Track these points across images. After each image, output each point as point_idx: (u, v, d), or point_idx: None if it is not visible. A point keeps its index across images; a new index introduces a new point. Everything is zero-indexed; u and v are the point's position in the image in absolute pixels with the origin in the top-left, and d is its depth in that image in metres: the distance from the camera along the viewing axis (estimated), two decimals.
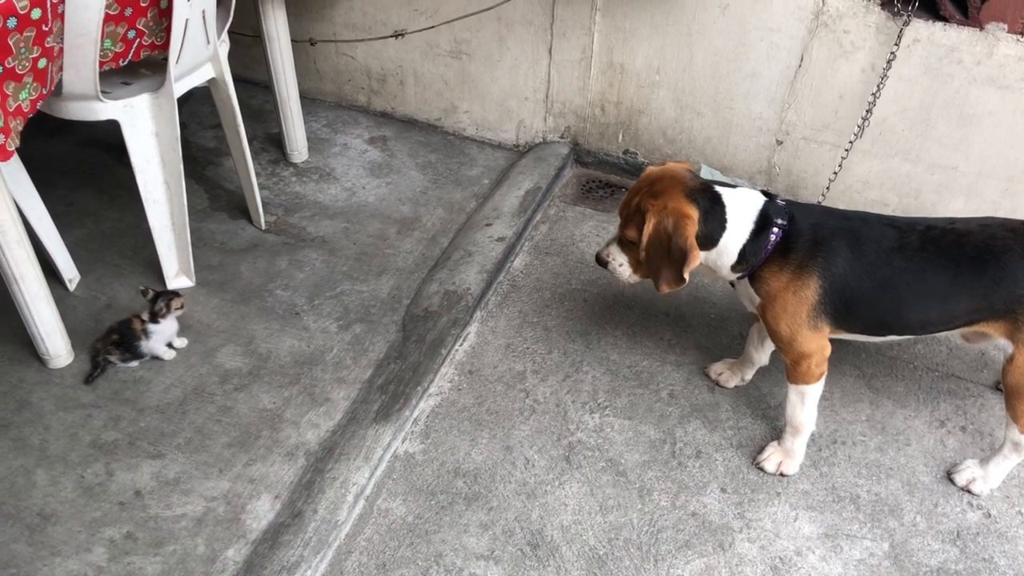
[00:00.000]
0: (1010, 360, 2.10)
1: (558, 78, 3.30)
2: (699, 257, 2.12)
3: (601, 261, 2.30)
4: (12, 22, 1.88)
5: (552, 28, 3.17)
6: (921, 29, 2.67)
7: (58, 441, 2.27)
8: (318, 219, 3.11)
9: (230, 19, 2.68)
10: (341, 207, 3.18)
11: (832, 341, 2.18)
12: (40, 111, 2.16)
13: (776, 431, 2.40)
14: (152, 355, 2.49)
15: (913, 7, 2.63)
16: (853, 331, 2.19)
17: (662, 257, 2.09)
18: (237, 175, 3.00)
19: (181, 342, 2.54)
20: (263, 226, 3.04)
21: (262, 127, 3.57)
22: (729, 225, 2.10)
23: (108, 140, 3.32)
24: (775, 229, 2.09)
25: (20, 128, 2.05)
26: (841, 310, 2.10)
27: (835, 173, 2.95)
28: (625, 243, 2.22)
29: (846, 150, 2.92)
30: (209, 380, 2.47)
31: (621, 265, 2.25)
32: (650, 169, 2.22)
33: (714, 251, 2.13)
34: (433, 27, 3.31)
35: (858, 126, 2.87)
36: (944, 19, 2.64)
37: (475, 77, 3.43)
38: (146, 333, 2.44)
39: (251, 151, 2.89)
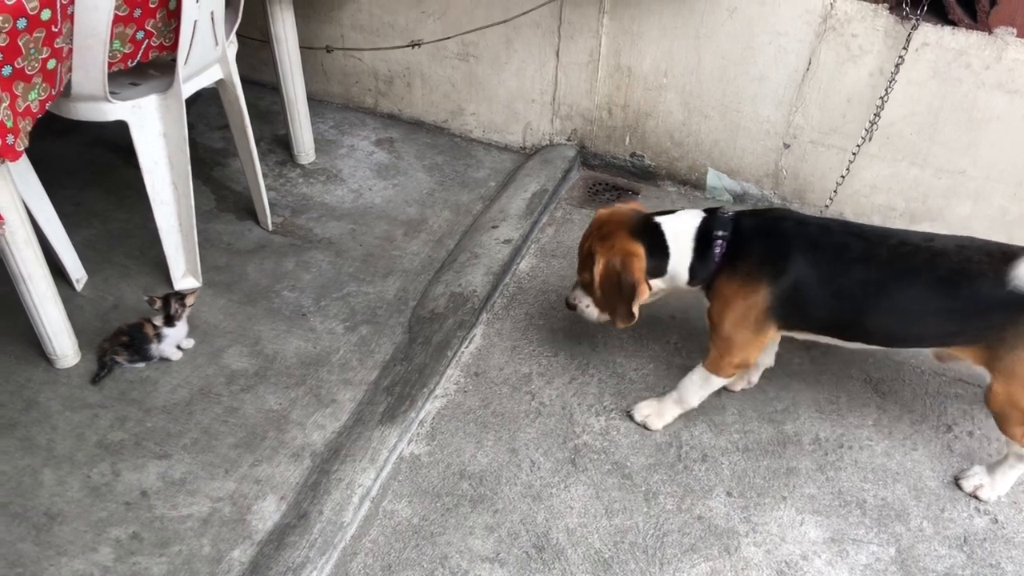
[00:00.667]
0: (989, 388, 2.10)
1: (565, 81, 3.30)
2: (647, 292, 2.21)
3: (570, 305, 2.40)
4: (22, 23, 1.89)
5: (559, 31, 3.17)
6: (930, 33, 2.66)
7: (65, 441, 2.28)
8: (325, 220, 3.12)
9: (238, 21, 2.69)
10: (348, 209, 3.19)
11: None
12: (49, 112, 2.16)
13: (783, 434, 2.40)
14: (161, 357, 2.49)
15: (922, 11, 2.63)
16: (808, 332, 2.21)
17: (615, 295, 2.20)
18: (244, 176, 3.01)
19: (188, 343, 2.55)
20: (270, 227, 3.05)
21: (269, 128, 3.57)
22: (671, 251, 2.20)
23: (116, 141, 3.33)
24: (719, 242, 2.15)
25: (29, 128, 2.06)
26: (794, 314, 2.13)
27: (842, 177, 2.95)
28: (586, 286, 2.31)
29: (853, 153, 2.92)
30: (215, 381, 2.47)
31: (588, 306, 2.35)
32: (599, 212, 2.33)
33: (667, 277, 2.24)
34: (448, 38, 3.31)
35: (866, 130, 2.87)
36: (953, 23, 2.64)
37: (482, 79, 3.44)
38: (159, 337, 2.45)
39: (258, 152, 2.89)
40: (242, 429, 2.34)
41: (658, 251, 2.20)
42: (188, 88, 2.46)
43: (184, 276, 2.74)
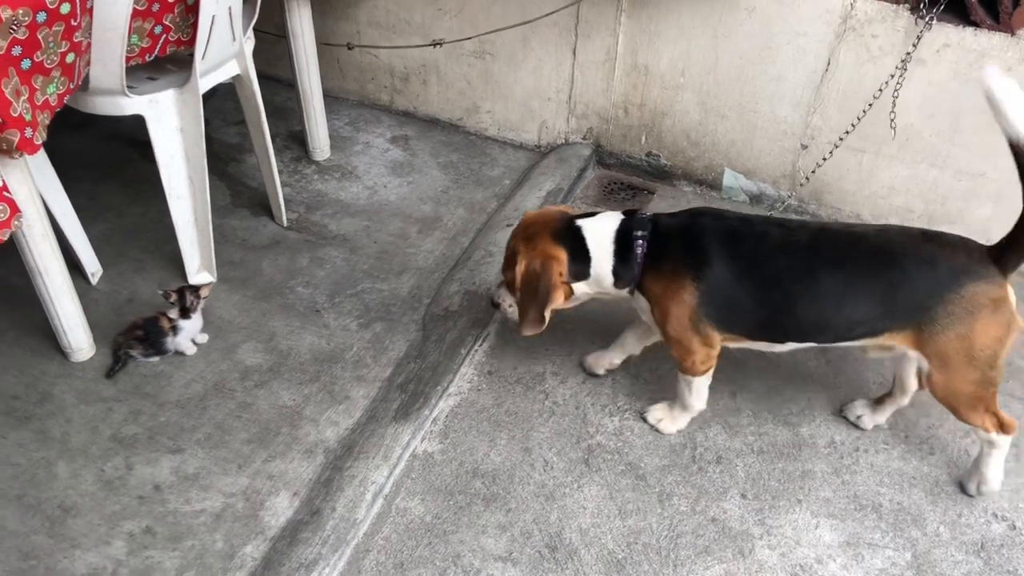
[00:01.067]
0: (929, 378, 2.08)
1: (582, 79, 3.29)
2: (561, 298, 2.21)
3: (494, 304, 2.39)
4: (42, 16, 1.89)
5: (577, 29, 3.16)
6: (951, 34, 2.64)
7: (79, 434, 2.28)
8: (339, 217, 3.11)
9: (255, 16, 2.69)
10: (362, 205, 3.18)
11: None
12: (65, 105, 2.16)
13: (798, 437, 2.38)
14: (176, 351, 2.49)
15: (937, 9, 2.60)
16: (742, 335, 2.18)
17: (531, 298, 2.18)
18: (260, 172, 3.01)
19: (202, 338, 2.55)
20: (285, 223, 3.05)
21: (285, 124, 3.57)
22: (592, 254, 2.18)
23: (132, 135, 3.34)
24: (638, 243, 2.14)
25: (47, 122, 2.06)
26: (725, 312, 2.11)
27: (824, 159, 2.90)
28: (509, 285, 2.29)
29: (837, 143, 2.89)
30: (229, 376, 2.47)
31: (511, 306, 2.33)
32: (527, 214, 2.32)
33: (591, 280, 2.21)
34: (470, 38, 3.30)
35: (852, 125, 2.84)
36: (975, 24, 2.61)
37: (498, 77, 3.43)
38: (175, 330, 2.45)
39: (274, 148, 2.89)
40: (255, 425, 2.34)
41: (580, 254, 2.18)
42: (205, 83, 2.46)
43: (199, 271, 2.74)
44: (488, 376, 2.55)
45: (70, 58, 2.05)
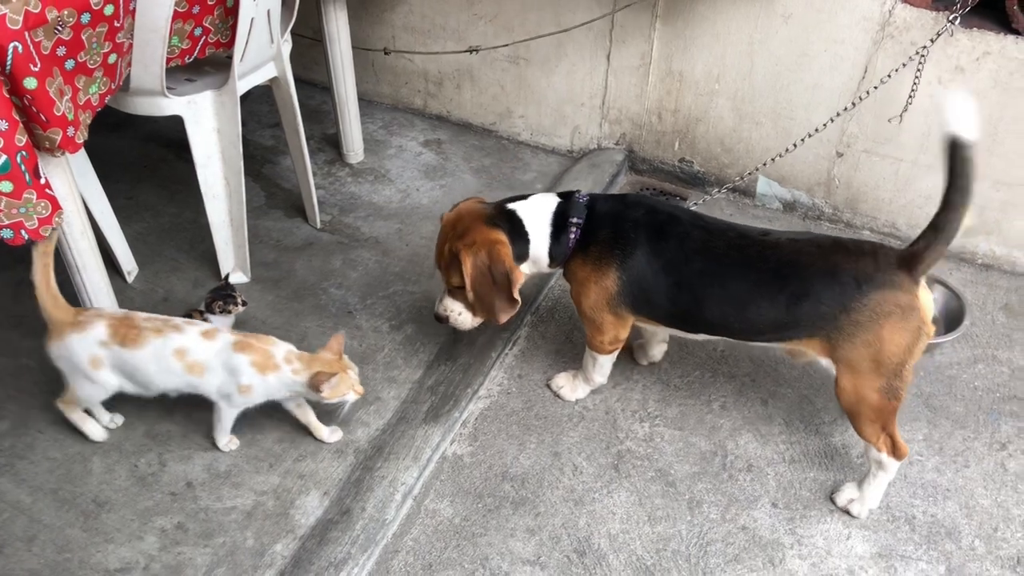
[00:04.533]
0: (836, 383, 2.07)
1: (616, 84, 3.28)
2: (521, 275, 2.25)
3: (440, 318, 2.37)
4: (86, 17, 1.92)
5: (611, 34, 3.16)
6: (992, 42, 2.61)
7: (114, 430, 2.31)
8: (372, 219, 3.13)
9: (293, 19, 2.72)
10: (395, 208, 3.20)
11: None
12: (105, 105, 2.20)
13: (830, 446, 2.36)
14: None
15: (964, 9, 2.56)
16: (656, 321, 2.23)
17: (489, 289, 2.20)
18: (294, 174, 3.03)
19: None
20: (318, 225, 3.07)
21: (319, 127, 3.60)
22: (531, 235, 2.22)
23: (169, 136, 3.38)
24: (573, 228, 2.19)
25: (88, 121, 2.09)
26: (640, 301, 2.17)
27: (794, 145, 2.85)
28: (455, 291, 2.30)
29: (834, 117, 2.85)
30: None
31: (460, 314, 2.34)
32: (446, 215, 2.31)
33: (529, 261, 2.26)
34: (507, 45, 3.31)
35: (842, 115, 2.81)
36: (1016, 32, 2.58)
37: (531, 82, 3.43)
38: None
39: (308, 151, 2.91)
40: (287, 424, 2.35)
41: (519, 237, 2.21)
42: (243, 85, 2.49)
43: (233, 271, 2.77)
44: (518, 379, 2.55)
45: (112, 59, 2.08)
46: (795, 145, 2.76)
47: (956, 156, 1.86)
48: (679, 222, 2.14)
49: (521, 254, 2.23)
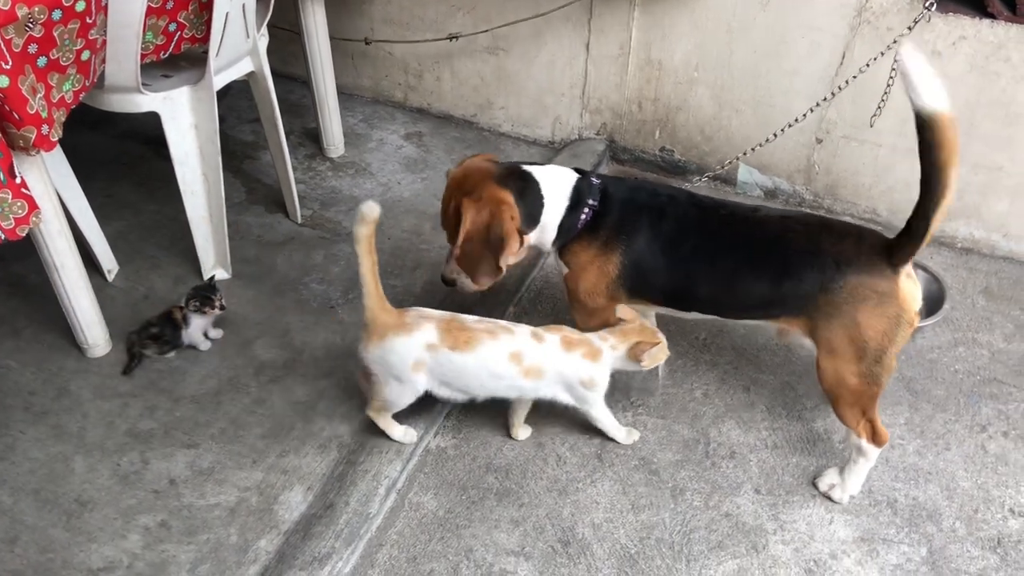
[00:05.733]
0: (817, 364, 2.08)
1: (595, 74, 3.28)
2: (517, 245, 2.14)
3: (448, 281, 2.31)
4: (57, 14, 1.91)
5: (590, 24, 3.15)
6: (967, 26, 2.62)
7: (96, 429, 2.30)
8: (354, 213, 3.11)
9: (269, 13, 2.70)
10: (376, 202, 3.18)
11: None
12: (81, 103, 2.18)
13: (812, 432, 2.37)
14: (190, 343, 2.51)
15: None
16: (651, 302, 2.24)
17: (481, 248, 2.11)
18: (274, 169, 3.02)
19: (216, 333, 2.56)
20: (299, 220, 3.06)
21: (299, 122, 3.59)
22: (547, 201, 2.14)
23: (147, 133, 3.36)
24: (587, 209, 2.14)
25: (63, 119, 2.08)
26: (638, 283, 2.16)
27: (767, 140, 2.84)
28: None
29: (813, 107, 2.79)
30: (244, 372, 2.49)
31: (468, 277, 2.25)
32: (452, 172, 2.22)
33: (537, 228, 2.16)
34: (487, 31, 3.29)
35: (830, 97, 2.80)
36: (991, 16, 2.59)
37: (511, 73, 3.43)
38: (186, 320, 2.47)
39: (288, 145, 2.90)
40: (270, 420, 2.35)
41: (535, 200, 2.12)
42: (219, 80, 2.48)
43: (214, 267, 2.76)
44: None
45: (85, 55, 2.07)
46: (775, 135, 2.76)
47: (928, 133, 1.81)
48: (677, 202, 2.15)
49: (533, 217, 2.13)
